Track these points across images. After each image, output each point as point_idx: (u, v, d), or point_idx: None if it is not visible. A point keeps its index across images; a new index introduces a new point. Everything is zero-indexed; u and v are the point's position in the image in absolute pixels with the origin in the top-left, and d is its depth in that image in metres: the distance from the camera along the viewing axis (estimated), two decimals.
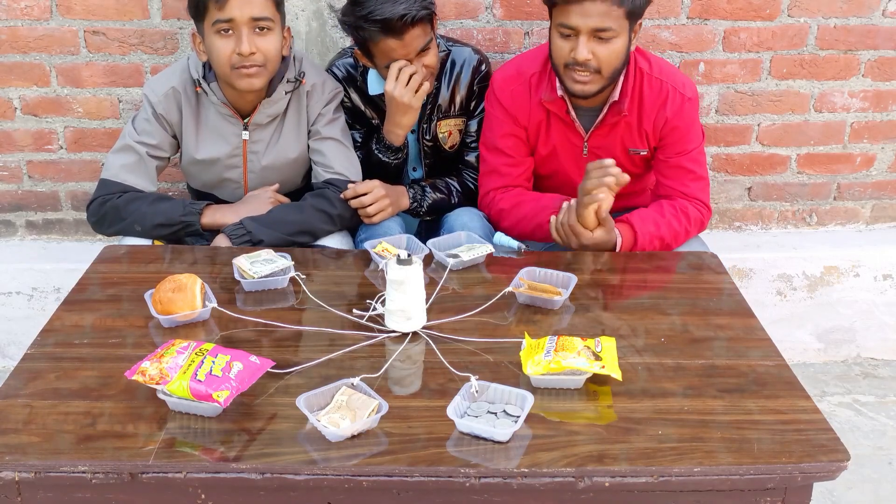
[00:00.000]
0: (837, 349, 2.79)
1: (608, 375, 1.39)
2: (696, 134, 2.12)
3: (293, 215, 2.04)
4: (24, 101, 2.50)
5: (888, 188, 2.77)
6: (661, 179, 2.15)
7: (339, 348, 1.51)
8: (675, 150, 2.10)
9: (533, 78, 2.11)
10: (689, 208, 2.08)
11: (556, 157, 2.17)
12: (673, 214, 2.07)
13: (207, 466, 1.23)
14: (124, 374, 1.35)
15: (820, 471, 1.25)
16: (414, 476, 1.22)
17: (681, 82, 2.08)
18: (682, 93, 2.06)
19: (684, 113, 2.07)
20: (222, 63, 1.95)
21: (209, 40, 1.95)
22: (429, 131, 2.26)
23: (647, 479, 1.23)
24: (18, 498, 1.26)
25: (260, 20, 1.92)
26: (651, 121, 2.08)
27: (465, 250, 1.85)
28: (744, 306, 1.71)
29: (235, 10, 1.90)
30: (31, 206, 2.66)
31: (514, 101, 2.13)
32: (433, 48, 2.10)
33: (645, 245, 2.01)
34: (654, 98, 2.06)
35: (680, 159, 2.10)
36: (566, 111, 2.09)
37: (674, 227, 2.05)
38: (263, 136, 2.12)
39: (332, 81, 2.18)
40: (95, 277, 1.80)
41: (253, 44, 1.92)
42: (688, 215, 2.08)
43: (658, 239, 2.03)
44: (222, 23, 1.91)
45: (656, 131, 2.09)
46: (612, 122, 2.09)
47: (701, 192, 2.12)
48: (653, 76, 2.06)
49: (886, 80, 2.60)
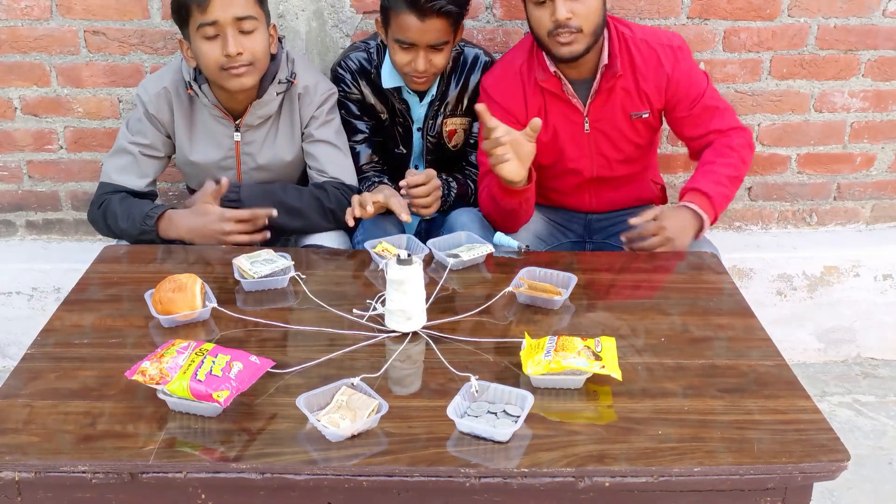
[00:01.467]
0: (837, 349, 2.79)
1: (608, 375, 1.39)
2: (699, 76, 2.15)
3: (291, 199, 2.04)
4: (24, 101, 2.50)
5: (888, 188, 2.77)
6: (690, 133, 2.17)
7: (339, 348, 1.51)
8: (690, 99, 2.12)
9: (522, 67, 2.14)
10: (730, 141, 2.11)
11: (558, 141, 2.17)
12: (719, 155, 2.09)
13: (207, 466, 1.23)
14: (124, 374, 1.35)
15: (820, 471, 1.25)
16: (414, 476, 1.22)
17: (665, 37, 2.13)
18: (669, 45, 2.10)
19: (680, 63, 2.10)
20: (211, 66, 1.95)
21: (196, 45, 1.95)
22: (434, 127, 2.27)
23: (647, 479, 1.23)
24: (18, 498, 1.26)
25: (244, 19, 1.92)
26: (652, 83, 2.10)
27: (465, 250, 1.85)
28: (744, 306, 1.71)
29: (218, 12, 1.89)
30: (31, 206, 2.66)
31: (507, 96, 2.14)
32: (447, 51, 2.10)
33: (719, 193, 2.02)
34: (645, 60, 2.09)
35: (697, 106, 2.13)
36: (561, 88, 2.10)
37: (729, 162, 2.07)
38: (256, 137, 2.12)
39: (326, 82, 2.18)
40: (95, 277, 1.80)
41: (239, 44, 1.92)
42: (732, 147, 2.10)
43: (726, 178, 2.04)
44: (207, 26, 1.90)
45: (660, 92, 2.11)
46: (607, 87, 2.10)
47: (730, 120, 2.14)
48: (637, 38, 2.10)
49: (886, 80, 2.60)
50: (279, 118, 2.12)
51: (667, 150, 2.66)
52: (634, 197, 2.32)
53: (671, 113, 2.16)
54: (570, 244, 2.33)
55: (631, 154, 2.20)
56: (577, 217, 2.34)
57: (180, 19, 1.95)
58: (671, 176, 2.67)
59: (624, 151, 2.19)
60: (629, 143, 2.17)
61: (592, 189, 2.28)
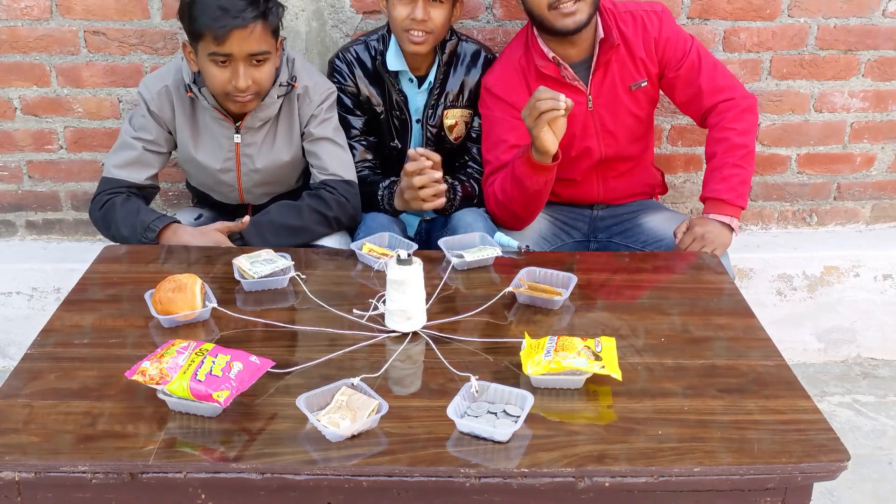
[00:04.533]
0: (837, 349, 2.79)
1: (608, 375, 1.39)
2: (683, 37, 2.20)
3: (291, 219, 2.04)
4: (24, 101, 2.50)
5: (888, 188, 2.77)
6: (682, 96, 2.21)
7: (339, 348, 1.51)
8: (677, 58, 2.17)
9: (521, 60, 2.17)
10: (724, 117, 2.14)
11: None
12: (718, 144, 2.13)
13: (207, 466, 1.23)
14: (124, 374, 1.35)
15: (820, 471, 1.25)
16: (414, 476, 1.22)
17: (647, 4, 2.20)
18: (653, 10, 2.17)
19: (664, 24, 2.17)
20: (216, 89, 1.96)
21: (204, 63, 1.94)
22: (434, 117, 2.27)
23: (647, 479, 1.23)
24: (18, 498, 1.26)
25: (257, 55, 1.92)
26: (641, 48, 2.15)
27: (473, 251, 1.85)
28: (744, 306, 1.71)
29: (234, 47, 1.88)
30: (31, 206, 2.66)
31: (510, 91, 2.16)
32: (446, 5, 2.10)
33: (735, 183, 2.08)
34: (633, 29, 2.15)
35: (685, 62, 2.17)
36: (561, 72, 2.13)
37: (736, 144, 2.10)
38: (256, 139, 2.12)
39: (325, 82, 2.18)
40: (95, 277, 1.80)
41: (249, 77, 1.92)
42: (736, 118, 2.12)
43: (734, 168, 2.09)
44: (220, 56, 1.90)
45: (651, 56, 2.16)
46: (605, 60, 2.14)
47: (729, 86, 2.17)
48: (620, 11, 2.17)
49: (886, 80, 2.60)
50: (278, 119, 2.13)
51: (666, 150, 2.66)
52: (639, 184, 2.35)
53: (663, 79, 2.21)
54: (575, 244, 2.33)
55: (633, 129, 2.24)
56: (582, 215, 2.35)
57: (192, 35, 1.92)
58: (671, 176, 2.67)
59: (626, 124, 2.22)
60: (631, 115, 2.21)
61: (600, 174, 2.30)
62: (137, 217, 2.00)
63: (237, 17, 1.85)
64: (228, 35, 1.86)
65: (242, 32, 1.86)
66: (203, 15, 1.86)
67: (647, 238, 2.23)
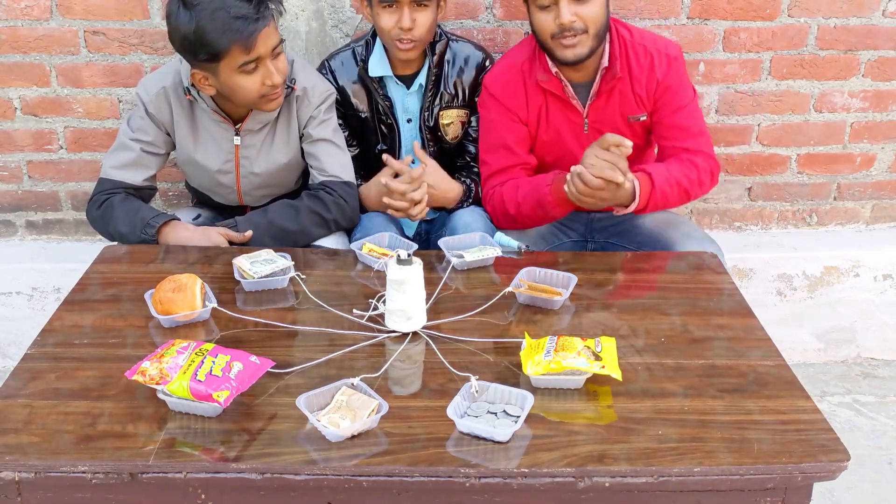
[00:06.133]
0: (837, 349, 2.79)
1: (608, 375, 1.39)
2: (686, 90, 2.16)
3: (289, 222, 2.04)
4: (24, 101, 2.50)
5: (888, 188, 2.77)
6: (661, 143, 2.19)
7: (339, 348, 1.51)
8: (670, 108, 2.13)
9: (524, 65, 2.15)
10: (695, 159, 2.12)
11: (559, 140, 2.18)
12: (680, 165, 2.10)
13: (207, 466, 1.23)
14: (124, 374, 1.36)
15: (820, 471, 1.25)
16: (414, 476, 1.22)
17: (663, 44, 2.13)
18: (666, 53, 2.11)
19: (672, 72, 2.11)
20: (251, 96, 1.95)
21: (230, 79, 1.91)
22: (430, 118, 2.27)
23: (647, 479, 1.23)
24: (18, 498, 1.26)
25: (276, 45, 1.93)
26: (643, 85, 2.12)
27: (473, 251, 1.84)
28: (744, 306, 1.71)
29: (262, 48, 1.88)
30: (31, 206, 2.66)
31: (509, 94, 2.15)
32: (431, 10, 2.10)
33: (664, 188, 2.02)
34: (641, 62, 2.10)
35: (675, 118, 2.14)
36: (562, 89, 2.11)
37: (687, 175, 2.08)
38: (255, 141, 2.12)
39: (324, 83, 2.17)
40: (95, 277, 1.80)
41: (278, 71, 1.94)
42: (696, 165, 2.11)
43: (675, 184, 2.05)
44: (250, 62, 1.89)
45: (650, 95, 2.13)
46: (607, 89, 2.11)
47: (704, 145, 2.15)
48: (636, 42, 2.11)
49: (886, 80, 2.60)
50: (277, 122, 2.12)
51: None
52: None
53: (651, 115, 2.18)
54: (572, 244, 2.33)
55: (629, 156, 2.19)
56: (579, 216, 2.34)
57: (211, 58, 1.88)
58: None
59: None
60: None
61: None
62: (137, 214, 2.00)
63: (258, 18, 1.85)
64: (255, 39, 1.86)
65: (266, 31, 1.88)
66: (223, 34, 1.83)
67: (644, 239, 2.23)
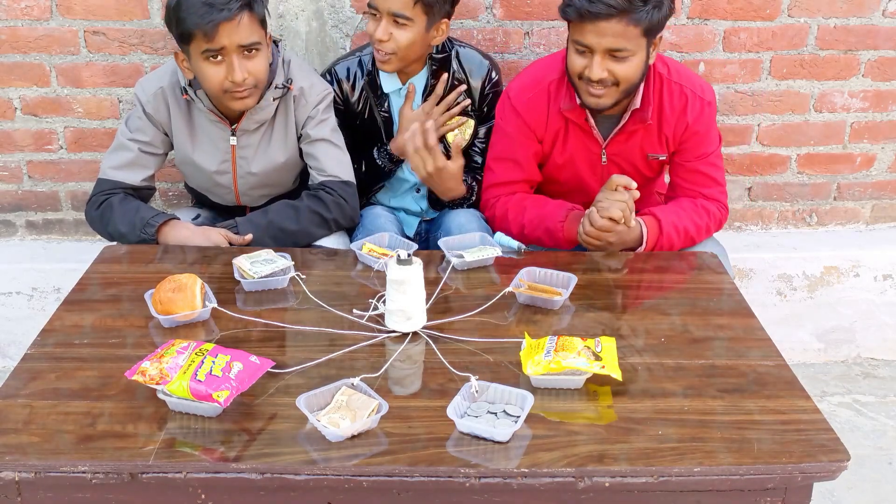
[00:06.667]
0: (837, 349, 2.79)
1: (608, 375, 1.39)
2: (713, 138, 2.12)
3: (289, 223, 2.04)
4: (24, 101, 2.50)
5: (888, 188, 2.77)
6: (678, 182, 2.16)
7: (339, 348, 1.51)
8: (695, 154, 2.09)
9: (551, 85, 2.08)
10: (709, 207, 2.10)
11: (574, 165, 2.15)
12: (693, 209, 2.08)
13: (207, 466, 1.23)
14: (124, 374, 1.36)
15: (820, 471, 1.25)
16: (414, 476, 1.22)
17: (699, 86, 2.07)
18: (701, 97, 2.05)
19: (703, 118, 2.06)
20: (214, 88, 1.95)
21: (197, 65, 1.93)
22: None
23: (647, 479, 1.23)
24: (18, 498, 1.26)
25: (248, 46, 1.92)
26: (671, 126, 2.06)
27: (473, 251, 1.84)
28: (744, 306, 1.71)
29: (225, 40, 1.88)
30: (31, 206, 2.66)
31: (530, 111, 2.09)
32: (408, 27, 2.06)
33: (671, 234, 2.00)
34: (674, 103, 2.04)
35: (698, 164, 2.10)
36: (585, 119, 2.06)
37: (695, 221, 2.06)
38: (251, 141, 2.12)
39: (321, 83, 2.17)
40: (95, 277, 1.80)
41: (244, 69, 1.92)
42: (708, 212, 2.09)
43: (683, 231, 2.03)
44: (212, 52, 1.89)
45: (676, 136, 2.08)
46: (632, 129, 2.07)
47: (720, 195, 2.14)
48: (672, 81, 2.04)
49: (886, 80, 2.60)
50: (274, 122, 2.12)
51: None
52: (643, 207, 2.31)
53: (673, 156, 2.14)
54: None
55: (642, 185, 2.17)
56: None
57: (182, 38, 1.92)
58: None
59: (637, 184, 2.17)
60: (642, 177, 2.14)
61: None
62: (136, 214, 2.00)
63: (223, 9, 1.85)
64: (217, 29, 1.85)
65: (230, 24, 1.86)
66: (190, 15, 1.86)
67: None
